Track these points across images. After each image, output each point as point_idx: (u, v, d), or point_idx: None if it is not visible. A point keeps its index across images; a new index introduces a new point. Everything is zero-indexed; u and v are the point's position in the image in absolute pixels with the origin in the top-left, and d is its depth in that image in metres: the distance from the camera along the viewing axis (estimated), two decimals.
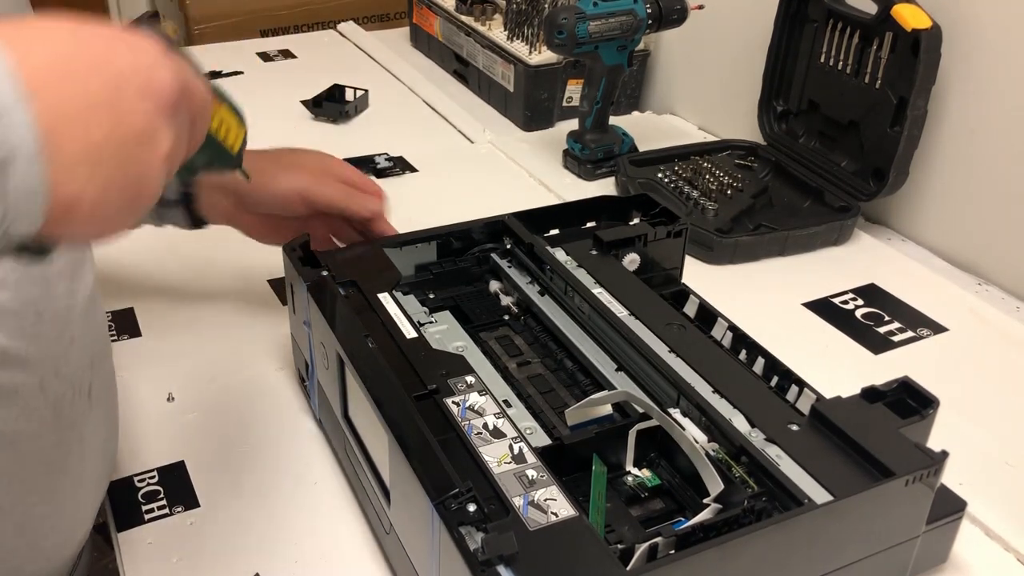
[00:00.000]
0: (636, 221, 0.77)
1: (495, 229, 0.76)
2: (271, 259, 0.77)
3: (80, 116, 0.33)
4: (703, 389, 0.59)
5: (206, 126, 0.42)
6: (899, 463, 0.51)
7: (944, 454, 0.52)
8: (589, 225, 0.78)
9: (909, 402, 0.57)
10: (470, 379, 0.57)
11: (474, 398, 0.56)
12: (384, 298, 0.65)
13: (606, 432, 0.58)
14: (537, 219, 0.76)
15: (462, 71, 1.43)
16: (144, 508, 0.64)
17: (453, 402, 0.55)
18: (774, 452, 0.54)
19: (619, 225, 0.77)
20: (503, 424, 0.54)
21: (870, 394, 0.57)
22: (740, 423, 0.56)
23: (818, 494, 0.50)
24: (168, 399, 0.74)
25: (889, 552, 0.54)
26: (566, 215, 0.78)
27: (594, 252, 0.73)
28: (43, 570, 0.57)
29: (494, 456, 0.51)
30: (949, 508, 0.57)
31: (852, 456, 0.53)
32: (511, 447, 0.52)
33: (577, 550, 0.45)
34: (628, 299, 0.68)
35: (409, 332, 0.61)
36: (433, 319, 0.70)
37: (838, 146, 1.05)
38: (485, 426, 0.53)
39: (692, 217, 0.99)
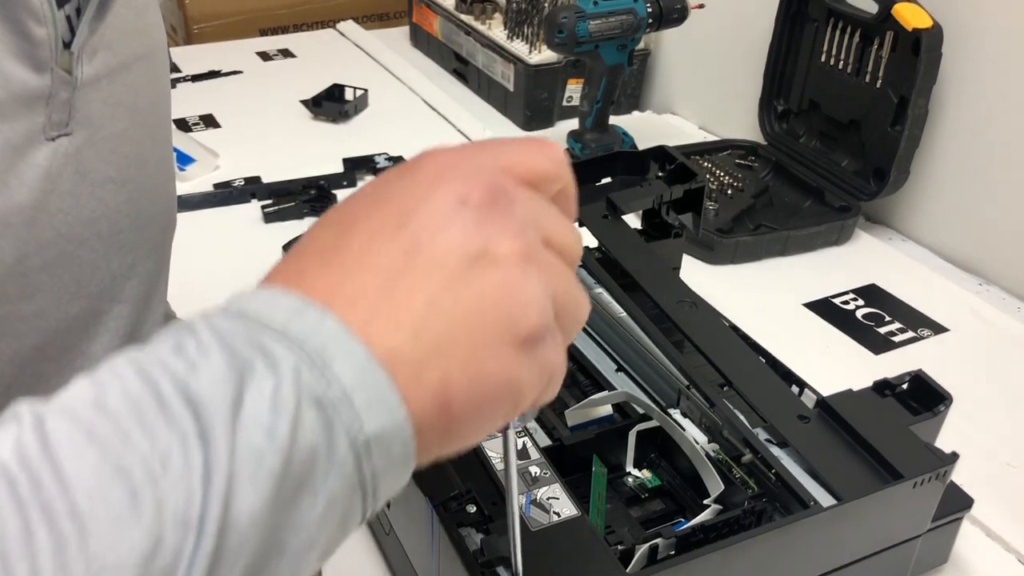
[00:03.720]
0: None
1: None
2: (272, 258, 0.76)
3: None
4: (710, 377, 0.58)
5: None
6: (908, 464, 0.50)
7: (954, 455, 0.51)
8: (605, 181, 0.75)
9: (919, 398, 0.56)
10: None
11: None
12: None
13: (606, 433, 0.58)
14: None
15: (462, 70, 1.42)
16: None
17: None
18: (781, 448, 0.53)
19: (634, 183, 0.73)
20: None
21: (881, 386, 0.57)
22: (747, 415, 0.55)
23: (823, 494, 0.50)
24: None
25: (892, 551, 0.53)
26: (579, 173, 0.75)
27: (606, 216, 0.70)
28: None
29: (498, 452, 0.51)
30: (955, 505, 0.56)
31: (860, 454, 0.52)
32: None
33: (578, 551, 0.45)
34: (639, 271, 0.65)
35: None
36: None
37: (839, 146, 1.05)
38: None
39: None
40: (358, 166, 1.13)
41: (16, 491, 0.23)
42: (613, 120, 1.14)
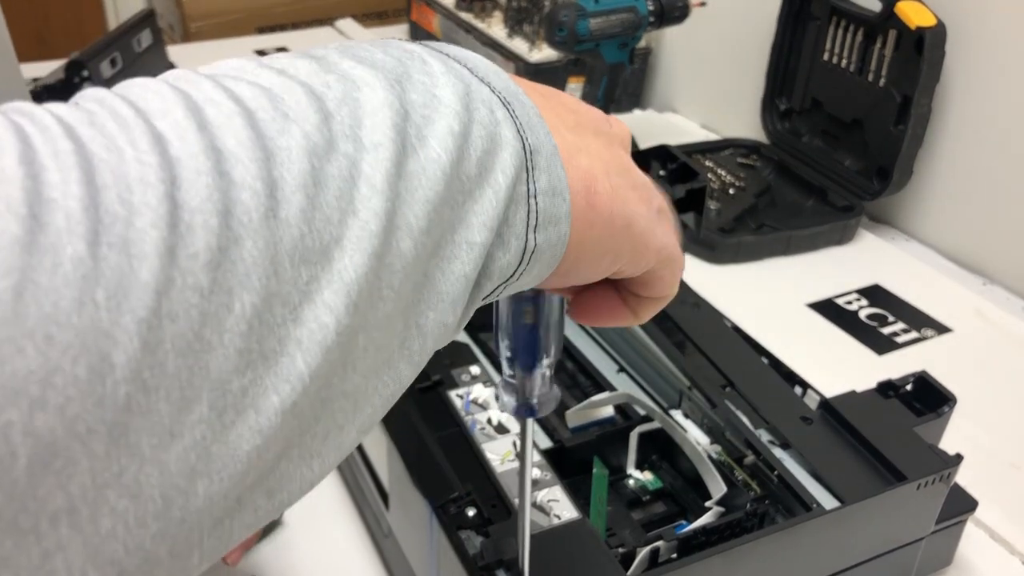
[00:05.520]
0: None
1: None
2: None
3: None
4: (712, 378, 0.57)
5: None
6: (912, 466, 0.50)
7: (959, 457, 0.51)
8: None
9: (922, 399, 0.56)
10: (475, 370, 0.57)
11: (478, 390, 0.55)
12: None
13: (607, 434, 0.57)
14: None
15: None
16: None
17: (457, 395, 0.54)
18: (783, 449, 0.53)
19: None
20: (507, 418, 0.53)
21: (885, 387, 0.56)
22: (749, 417, 0.55)
23: (826, 496, 0.49)
24: None
25: (895, 554, 0.53)
26: None
27: None
28: None
29: (497, 453, 0.51)
30: (959, 507, 0.55)
31: (863, 455, 0.52)
32: (515, 444, 0.51)
33: (578, 554, 0.45)
34: None
35: None
36: None
37: (842, 145, 1.04)
38: (489, 421, 0.53)
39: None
40: None
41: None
42: None
